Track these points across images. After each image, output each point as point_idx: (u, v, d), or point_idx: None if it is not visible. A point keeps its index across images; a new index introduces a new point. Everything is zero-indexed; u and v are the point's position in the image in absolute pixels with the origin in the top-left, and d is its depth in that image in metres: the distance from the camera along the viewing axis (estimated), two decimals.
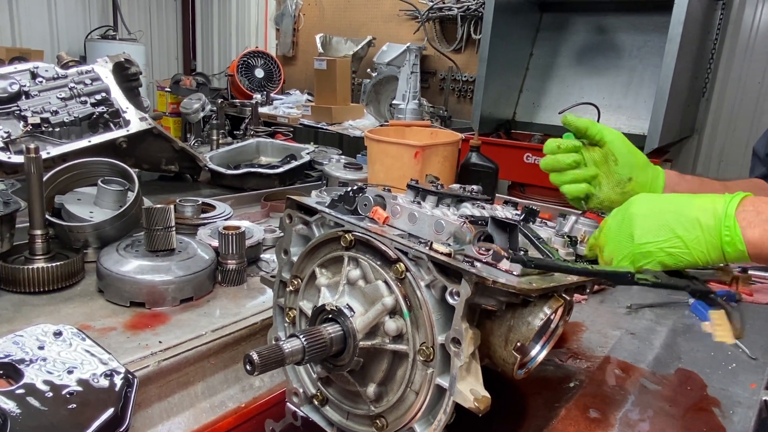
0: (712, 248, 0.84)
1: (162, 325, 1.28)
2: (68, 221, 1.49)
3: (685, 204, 0.88)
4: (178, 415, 1.16)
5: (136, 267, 1.36)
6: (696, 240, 0.85)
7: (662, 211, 0.89)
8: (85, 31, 7.19)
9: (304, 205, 1.00)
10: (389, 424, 0.88)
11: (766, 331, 1.43)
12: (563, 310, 0.90)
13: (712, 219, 0.85)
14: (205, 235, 1.64)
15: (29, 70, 2.12)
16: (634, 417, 1.07)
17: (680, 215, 0.87)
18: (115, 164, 1.60)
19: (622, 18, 4.40)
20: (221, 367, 1.26)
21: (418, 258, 0.83)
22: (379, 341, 0.85)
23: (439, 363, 0.80)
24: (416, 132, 2.28)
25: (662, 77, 3.40)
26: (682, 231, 0.86)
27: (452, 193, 1.10)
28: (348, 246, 0.90)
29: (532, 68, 4.88)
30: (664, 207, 0.90)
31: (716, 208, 0.85)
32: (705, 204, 0.87)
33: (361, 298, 0.87)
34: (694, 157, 4.50)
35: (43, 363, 1.00)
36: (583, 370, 1.23)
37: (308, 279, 0.98)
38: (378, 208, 0.94)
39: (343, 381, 0.91)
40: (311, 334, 0.83)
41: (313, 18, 7.21)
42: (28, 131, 2.02)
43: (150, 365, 1.12)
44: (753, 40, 4.10)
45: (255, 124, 3.61)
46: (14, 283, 1.33)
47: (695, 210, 0.86)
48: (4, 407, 0.89)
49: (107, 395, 0.98)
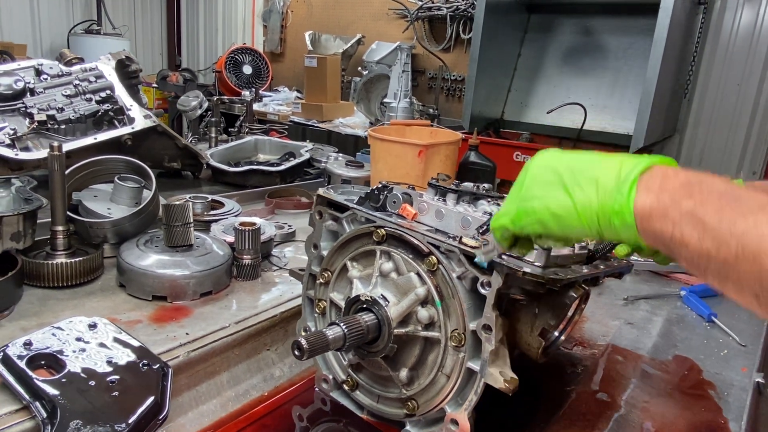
0: (603, 216, 0.67)
1: (186, 318, 1.32)
2: (86, 217, 1.52)
3: (590, 162, 0.71)
4: (206, 403, 1.21)
5: (157, 262, 1.40)
6: (587, 203, 0.68)
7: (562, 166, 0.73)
8: (68, 25, 7.09)
9: (334, 202, 1.06)
10: (420, 406, 0.94)
11: (753, 320, 1.53)
12: (581, 299, 0.98)
13: (614, 180, 0.67)
14: (218, 231, 1.69)
15: (33, 67, 2.13)
16: (638, 399, 1.15)
17: (580, 172, 0.70)
18: (131, 161, 1.63)
19: (608, 20, 4.52)
20: (244, 358, 1.31)
21: (449, 251, 0.89)
22: (412, 329, 0.91)
23: (470, 348, 0.87)
24: (416, 131, 2.35)
25: (647, 79, 3.52)
26: (575, 189, 0.70)
27: (470, 191, 1.16)
28: (380, 240, 0.96)
29: (520, 68, 4.98)
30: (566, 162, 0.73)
31: (622, 168, 0.68)
32: (612, 164, 0.69)
33: (394, 289, 0.94)
34: (676, 155, 4.65)
35: (82, 353, 1.04)
36: (589, 357, 1.31)
37: (339, 272, 1.04)
38: (406, 205, 1.00)
39: (375, 366, 0.98)
40: (350, 323, 0.89)
41: (301, 15, 7.22)
42: (34, 128, 2.04)
43: (180, 356, 1.17)
44: (732, 43, 4.26)
45: (250, 121, 3.63)
46: (38, 277, 1.36)
47: (599, 169, 0.69)
48: (51, 395, 0.93)
49: (146, 384, 1.02)
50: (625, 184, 0.65)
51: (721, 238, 0.57)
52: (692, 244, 0.60)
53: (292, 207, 2.23)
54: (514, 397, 0.87)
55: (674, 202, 0.61)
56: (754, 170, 4.32)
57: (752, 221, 0.56)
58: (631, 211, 0.64)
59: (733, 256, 0.56)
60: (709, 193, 0.60)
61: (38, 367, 1.01)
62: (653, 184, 0.64)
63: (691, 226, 0.60)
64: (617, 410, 1.11)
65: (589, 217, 0.68)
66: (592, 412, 1.10)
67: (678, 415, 1.11)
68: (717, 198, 0.60)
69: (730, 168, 4.39)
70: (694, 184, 0.62)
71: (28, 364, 0.99)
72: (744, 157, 4.34)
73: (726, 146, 4.40)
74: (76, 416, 0.91)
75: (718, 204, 0.59)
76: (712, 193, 0.60)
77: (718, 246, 0.57)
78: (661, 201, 0.63)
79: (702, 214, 0.59)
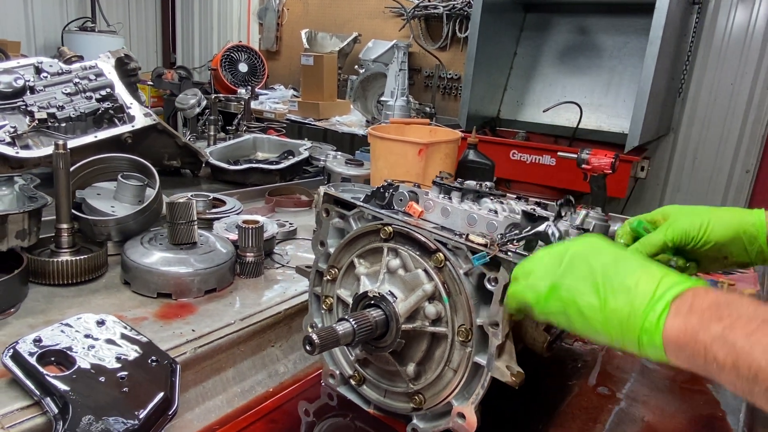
0: (630, 331, 0.66)
1: (191, 315, 1.33)
2: (89, 215, 1.53)
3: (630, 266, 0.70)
4: (212, 399, 1.22)
5: (161, 259, 1.41)
6: (615, 311, 0.67)
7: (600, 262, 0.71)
8: (62, 22, 7.04)
9: (341, 200, 1.07)
10: (427, 400, 0.96)
11: None
12: None
13: (648, 297, 0.66)
14: (221, 228, 1.70)
15: (33, 65, 2.13)
16: (638, 393, 1.17)
17: (616, 275, 0.69)
18: (134, 159, 1.64)
19: (603, 19, 4.55)
20: (249, 354, 1.32)
21: (456, 248, 0.91)
22: (420, 324, 0.93)
23: (477, 343, 0.89)
24: (416, 129, 2.36)
25: (643, 78, 3.55)
26: (607, 292, 0.68)
27: (473, 189, 1.18)
28: (387, 238, 0.98)
29: (516, 67, 5.01)
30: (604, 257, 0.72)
31: (659, 286, 0.66)
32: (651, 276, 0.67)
33: (401, 286, 0.95)
34: (670, 154, 4.69)
35: (91, 350, 1.05)
36: (589, 352, 1.33)
37: (346, 269, 1.05)
38: (413, 203, 1.02)
39: (382, 361, 0.99)
40: (359, 318, 0.90)
41: (296, 13, 7.21)
42: (35, 126, 2.04)
43: (187, 352, 1.18)
44: (726, 43, 4.30)
45: (248, 119, 3.64)
46: (43, 275, 1.37)
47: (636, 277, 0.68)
48: (62, 390, 0.94)
49: (156, 380, 1.04)
50: (660, 304, 0.64)
51: (757, 365, 0.56)
52: (727, 369, 0.59)
53: (292, 205, 2.25)
54: (517, 391, 0.89)
55: (703, 324, 0.61)
56: (747, 169, 4.37)
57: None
58: (660, 333, 0.63)
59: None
60: (738, 315, 0.60)
61: (48, 364, 1.01)
62: (683, 306, 0.63)
63: (723, 351, 0.59)
64: (618, 404, 1.13)
65: (616, 327, 0.67)
66: (593, 406, 1.12)
67: (677, 409, 1.14)
68: (746, 321, 0.59)
69: (724, 166, 4.44)
70: (723, 305, 0.61)
71: (39, 361, 1.00)
72: (737, 156, 4.39)
73: (719, 145, 4.45)
74: (87, 412, 0.92)
75: (748, 327, 0.58)
76: (741, 316, 0.60)
77: (756, 373, 0.56)
78: (690, 324, 0.62)
79: (733, 339, 0.58)
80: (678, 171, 4.69)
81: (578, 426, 1.06)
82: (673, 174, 4.71)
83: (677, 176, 4.70)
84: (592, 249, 0.74)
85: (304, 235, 1.96)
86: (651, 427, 1.08)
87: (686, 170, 4.64)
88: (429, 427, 0.96)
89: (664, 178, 4.75)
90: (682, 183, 4.68)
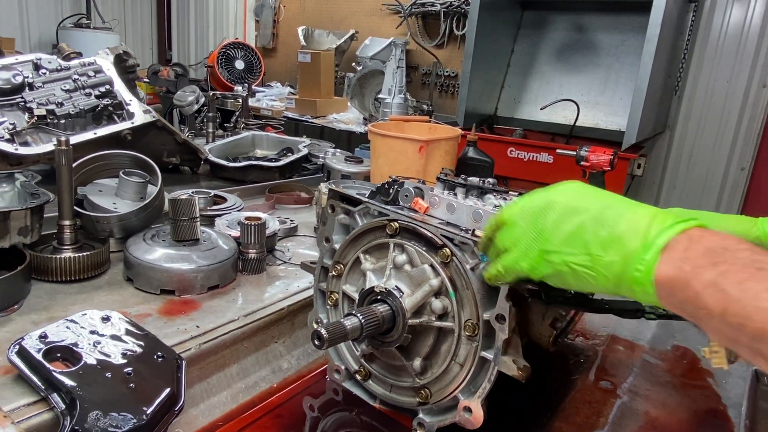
0: (624, 282, 0.65)
1: (195, 311, 1.33)
2: (91, 212, 1.52)
3: (616, 214, 0.68)
4: (217, 395, 1.22)
5: (164, 256, 1.41)
6: (608, 266, 0.66)
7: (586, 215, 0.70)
8: (57, 19, 7.00)
9: (346, 196, 1.08)
10: (433, 395, 0.97)
11: None
12: None
13: (640, 244, 0.64)
14: (223, 225, 1.70)
15: (32, 62, 2.11)
16: (640, 387, 1.18)
17: (603, 227, 0.68)
18: (135, 156, 1.64)
19: (601, 17, 4.57)
20: (253, 350, 1.33)
21: (463, 243, 0.91)
22: (426, 319, 0.94)
23: (483, 337, 0.90)
24: (415, 127, 2.37)
25: (640, 76, 3.57)
26: (597, 249, 0.67)
27: (477, 186, 1.18)
28: (393, 233, 0.98)
29: (513, 65, 5.02)
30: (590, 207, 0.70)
31: (650, 231, 0.64)
32: (640, 222, 0.66)
33: (407, 281, 0.96)
34: (666, 151, 4.72)
35: (97, 346, 1.05)
36: (591, 347, 1.34)
37: (352, 264, 1.06)
38: (418, 198, 1.02)
39: (388, 356, 1.00)
40: (366, 313, 0.91)
41: (293, 10, 7.19)
42: (34, 123, 2.03)
43: (192, 348, 1.18)
44: (722, 41, 4.33)
45: (246, 116, 3.63)
46: (45, 272, 1.37)
47: (624, 225, 0.66)
48: (69, 386, 0.95)
49: (162, 375, 1.04)
50: (650, 251, 0.63)
51: (745, 313, 0.55)
52: (716, 317, 0.57)
53: (292, 202, 2.25)
54: (520, 385, 0.90)
55: (696, 271, 0.59)
56: (742, 166, 4.40)
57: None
58: (651, 280, 0.63)
59: (761, 332, 0.54)
60: (733, 262, 0.58)
61: (54, 360, 1.01)
62: (676, 251, 0.62)
63: (714, 300, 0.57)
64: (620, 398, 1.14)
65: (610, 280, 0.67)
66: (596, 400, 1.13)
67: (679, 403, 1.15)
68: (741, 268, 0.57)
69: (719, 164, 4.47)
70: (718, 251, 0.60)
71: (45, 357, 1.00)
72: (733, 153, 4.42)
73: (715, 142, 4.48)
74: (94, 407, 0.92)
75: (742, 275, 0.57)
76: (737, 263, 0.58)
77: (743, 321, 0.55)
78: (682, 271, 0.60)
79: (725, 286, 0.57)
80: (674, 168, 4.72)
81: (582, 419, 1.07)
82: (669, 171, 4.74)
83: (673, 174, 4.72)
84: (575, 201, 0.72)
85: (305, 232, 1.96)
86: (653, 421, 1.09)
87: (682, 168, 4.67)
88: (435, 421, 0.97)
89: (660, 175, 4.78)
90: (677, 180, 4.70)
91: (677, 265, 0.61)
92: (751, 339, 0.55)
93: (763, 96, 4.24)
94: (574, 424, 1.06)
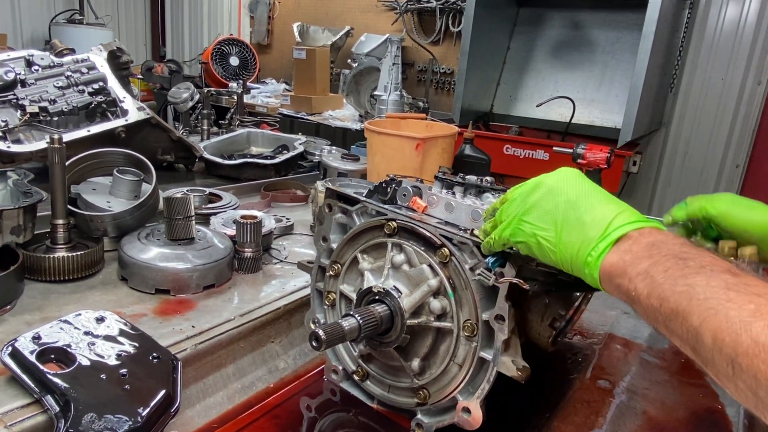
0: (576, 263, 0.73)
1: (190, 311, 1.32)
2: (85, 211, 1.51)
3: (589, 203, 0.76)
4: (213, 395, 1.21)
5: (159, 255, 1.39)
6: (568, 245, 0.74)
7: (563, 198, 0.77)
8: (49, 14, 6.93)
9: (343, 195, 1.07)
10: (431, 395, 0.96)
11: None
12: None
13: (599, 234, 0.72)
14: (218, 224, 1.69)
15: (24, 58, 2.09)
16: (638, 386, 1.18)
17: (574, 211, 0.75)
18: (130, 154, 1.62)
19: (596, 15, 4.57)
20: (249, 350, 1.32)
21: (461, 243, 0.91)
22: (425, 319, 0.93)
23: (482, 338, 0.89)
24: (412, 124, 2.36)
25: (636, 73, 3.57)
26: (562, 228, 0.75)
27: (475, 184, 1.18)
28: (391, 233, 0.97)
29: (509, 62, 5.01)
30: (569, 192, 0.78)
31: (611, 224, 0.72)
32: (605, 215, 0.73)
33: (406, 281, 0.95)
34: (662, 149, 4.73)
35: (92, 347, 1.04)
36: (588, 346, 1.34)
37: (349, 264, 1.05)
38: (416, 198, 1.02)
39: (386, 357, 0.99)
40: (364, 314, 0.90)
41: (288, 6, 7.15)
42: (26, 120, 2.01)
43: (187, 348, 1.17)
44: (717, 38, 4.33)
45: (241, 113, 3.61)
46: (39, 271, 1.35)
47: (592, 214, 0.74)
48: (63, 388, 0.93)
49: (157, 376, 1.03)
50: (604, 241, 0.71)
51: (664, 295, 0.63)
52: (642, 299, 0.66)
53: (288, 200, 2.23)
54: (518, 385, 0.89)
55: (634, 262, 0.68)
56: (737, 163, 4.42)
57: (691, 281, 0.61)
58: (597, 267, 0.71)
59: (673, 312, 0.61)
60: (666, 254, 0.66)
61: (48, 361, 1.00)
62: (625, 244, 0.70)
63: (643, 284, 0.66)
64: (618, 397, 1.14)
65: (566, 258, 0.75)
66: (594, 400, 1.13)
67: (677, 401, 1.15)
68: (669, 258, 0.65)
69: (714, 161, 4.48)
70: (656, 245, 0.68)
71: (38, 358, 0.98)
72: (728, 151, 4.43)
73: (710, 140, 4.49)
74: (89, 409, 0.91)
75: (668, 264, 0.65)
76: (668, 255, 0.66)
77: (661, 302, 0.63)
78: (623, 260, 0.69)
79: (653, 273, 0.65)
80: (669, 166, 4.73)
81: (581, 419, 1.06)
82: (665, 168, 4.75)
83: (668, 171, 4.74)
84: (560, 183, 0.80)
85: (301, 230, 1.95)
86: (651, 420, 1.09)
87: (677, 165, 4.68)
88: (434, 422, 0.96)
89: (656, 172, 4.79)
90: (673, 177, 4.72)
91: (620, 256, 0.70)
92: (666, 318, 0.63)
93: (758, 93, 4.25)
94: (573, 423, 1.05)
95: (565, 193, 0.78)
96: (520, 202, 0.82)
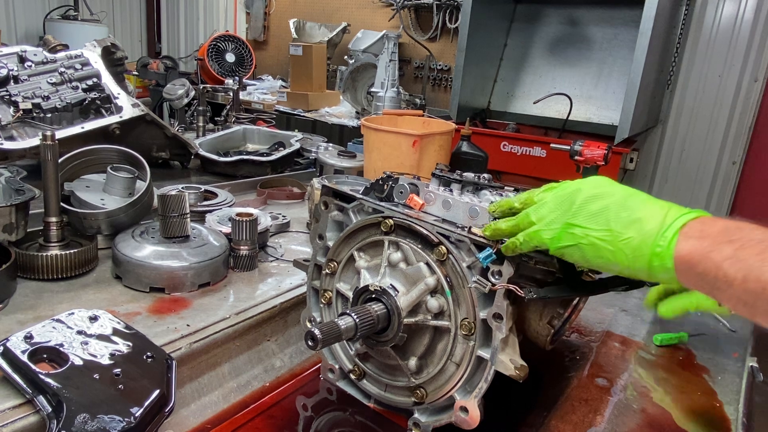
0: (640, 256, 0.73)
1: (185, 310, 1.31)
2: (78, 208, 1.49)
3: (637, 202, 0.78)
4: (209, 394, 1.20)
5: (154, 253, 1.38)
6: (627, 241, 0.74)
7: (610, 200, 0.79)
8: (44, 10, 6.89)
9: (340, 193, 1.06)
10: (429, 394, 0.95)
11: None
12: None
13: (658, 225, 0.73)
14: (213, 221, 1.67)
15: (17, 54, 2.07)
16: (636, 384, 1.18)
17: (625, 210, 0.77)
18: (124, 151, 1.60)
19: (593, 11, 4.55)
20: (245, 349, 1.31)
21: (459, 241, 0.90)
22: (422, 318, 0.92)
23: (480, 337, 0.88)
24: (409, 121, 2.34)
25: (633, 70, 3.56)
26: (618, 226, 0.76)
27: (473, 181, 1.17)
28: (388, 231, 0.96)
29: (506, 59, 5.00)
30: (615, 194, 0.79)
31: (667, 216, 0.74)
32: (657, 210, 0.75)
33: (403, 279, 0.94)
34: (658, 146, 4.73)
35: (85, 346, 1.03)
36: (586, 344, 1.33)
37: (346, 262, 1.03)
38: (413, 195, 1.00)
39: (383, 356, 0.98)
40: (361, 312, 0.89)
41: (284, 2, 7.12)
42: (19, 117, 1.99)
43: (182, 347, 1.16)
44: (714, 36, 4.33)
45: (236, 110, 3.59)
46: (31, 270, 1.34)
47: (644, 211, 0.76)
48: (56, 388, 0.92)
49: (151, 376, 1.01)
50: (670, 231, 0.72)
51: (766, 279, 0.62)
52: (737, 284, 0.65)
53: (284, 197, 2.22)
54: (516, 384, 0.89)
55: (715, 247, 0.67)
56: (734, 160, 4.42)
57: None
58: (671, 255, 0.71)
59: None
60: (750, 239, 0.66)
61: (40, 361, 0.99)
62: (692, 231, 0.71)
63: (735, 269, 0.65)
64: (616, 395, 1.13)
65: (627, 255, 0.74)
66: (593, 397, 1.12)
67: (675, 399, 1.15)
68: (756, 243, 0.65)
69: (711, 158, 4.49)
70: (733, 230, 0.68)
71: (30, 358, 0.97)
72: (724, 148, 4.44)
73: (707, 137, 4.49)
74: (82, 410, 0.90)
75: (758, 248, 0.65)
76: (752, 239, 0.66)
77: (763, 287, 0.62)
78: (702, 246, 0.68)
79: (744, 257, 0.65)
80: (666, 163, 4.73)
81: (579, 417, 1.06)
82: (661, 165, 4.75)
83: (665, 168, 4.74)
84: (601, 189, 0.81)
85: (297, 227, 1.94)
86: (649, 417, 1.08)
87: (674, 162, 4.68)
88: (431, 421, 0.96)
89: (653, 169, 4.79)
90: (669, 174, 4.72)
91: (694, 243, 0.69)
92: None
93: (754, 90, 4.25)
94: (571, 422, 1.05)
95: (611, 195, 0.79)
96: (557, 205, 0.81)
